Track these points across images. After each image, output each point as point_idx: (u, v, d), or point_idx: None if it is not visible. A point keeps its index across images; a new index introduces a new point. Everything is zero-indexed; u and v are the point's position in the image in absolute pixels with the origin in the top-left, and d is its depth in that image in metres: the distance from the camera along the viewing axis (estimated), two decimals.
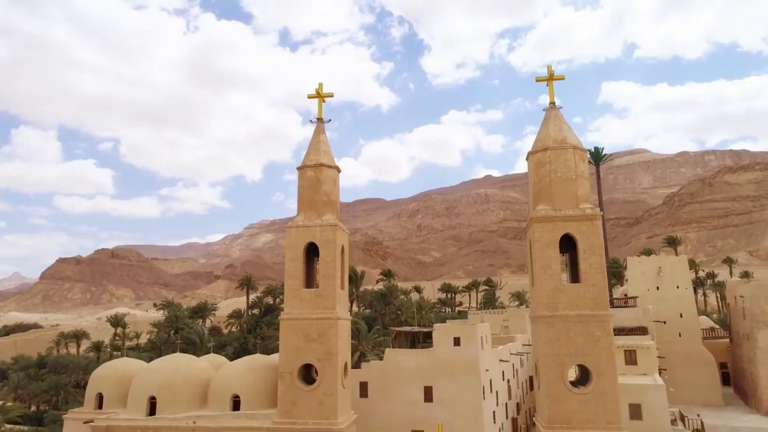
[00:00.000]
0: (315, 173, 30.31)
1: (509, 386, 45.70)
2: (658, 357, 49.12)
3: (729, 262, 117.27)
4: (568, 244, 28.54)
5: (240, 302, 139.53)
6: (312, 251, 30.16)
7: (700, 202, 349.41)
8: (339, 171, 31.57)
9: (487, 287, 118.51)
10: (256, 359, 31.51)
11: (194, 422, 28.58)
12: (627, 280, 71.94)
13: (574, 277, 27.80)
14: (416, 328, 38.28)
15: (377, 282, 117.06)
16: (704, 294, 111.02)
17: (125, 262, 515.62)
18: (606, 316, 26.32)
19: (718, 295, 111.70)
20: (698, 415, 42.10)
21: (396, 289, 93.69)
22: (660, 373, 45.71)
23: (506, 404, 43.81)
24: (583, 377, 27.05)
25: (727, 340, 70.92)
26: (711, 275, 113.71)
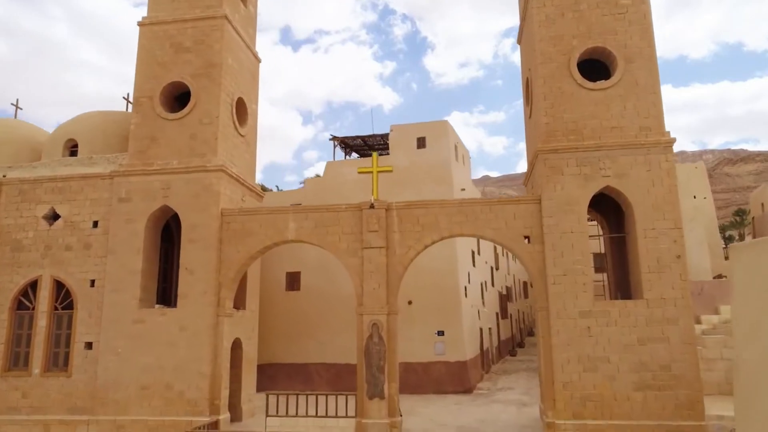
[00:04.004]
0: None
1: (497, 261, 35.81)
2: None
3: (741, 214, 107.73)
4: None
5: None
6: None
7: None
8: None
9: None
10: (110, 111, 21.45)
11: (4, 176, 18.67)
12: None
13: None
14: (367, 134, 28.39)
15: None
16: None
17: None
18: None
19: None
20: None
21: None
22: None
23: (492, 269, 33.93)
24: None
25: None
26: (722, 228, 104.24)
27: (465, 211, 16.30)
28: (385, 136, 28.24)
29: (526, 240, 15.86)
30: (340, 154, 29.66)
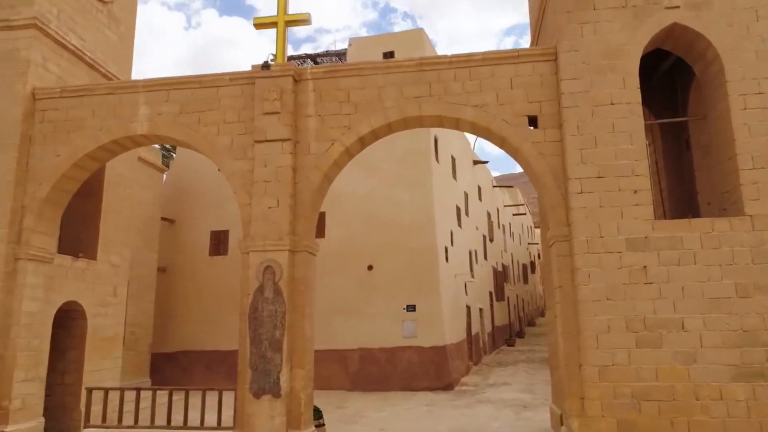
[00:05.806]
0: None
1: (491, 231, 29.24)
2: None
3: None
4: None
5: None
6: None
7: None
8: None
9: None
10: None
11: None
12: None
13: None
14: (321, 52, 21.79)
15: None
16: None
17: None
18: None
19: None
20: None
21: None
22: None
23: (485, 239, 27.34)
24: None
25: None
26: None
27: (428, 78, 9.65)
28: (342, 55, 21.65)
29: (531, 125, 9.24)
30: None
